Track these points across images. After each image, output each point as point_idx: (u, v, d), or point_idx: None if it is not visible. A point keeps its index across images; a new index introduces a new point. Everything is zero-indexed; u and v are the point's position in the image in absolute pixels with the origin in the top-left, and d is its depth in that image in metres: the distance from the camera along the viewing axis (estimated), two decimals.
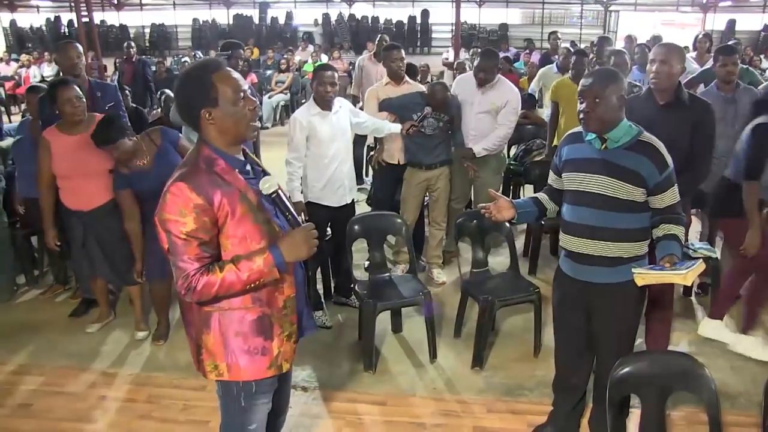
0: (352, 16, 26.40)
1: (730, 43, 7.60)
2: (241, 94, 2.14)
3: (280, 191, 2.20)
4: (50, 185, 4.20)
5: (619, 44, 14.46)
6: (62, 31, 25.71)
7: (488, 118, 5.02)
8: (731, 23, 21.97)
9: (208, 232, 2.09)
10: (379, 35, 8.04)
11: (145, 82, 10.40)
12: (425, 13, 26.12)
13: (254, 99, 2.23)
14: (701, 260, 2.59)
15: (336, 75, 4.36)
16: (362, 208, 5.58)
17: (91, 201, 4.17)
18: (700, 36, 7.80)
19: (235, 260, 2.11)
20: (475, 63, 5.11)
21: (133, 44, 11.07)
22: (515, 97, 5.05)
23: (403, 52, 5.28)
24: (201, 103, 2.12)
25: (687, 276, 2.51)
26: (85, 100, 4.18)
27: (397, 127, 4.82)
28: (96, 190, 4.16)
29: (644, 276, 2.58)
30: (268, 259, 2.11)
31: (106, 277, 4.44)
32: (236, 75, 2.17)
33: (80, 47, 4.88)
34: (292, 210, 2.22)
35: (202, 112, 2.12)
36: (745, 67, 6.17)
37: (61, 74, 5.04)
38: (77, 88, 4.14)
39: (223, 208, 2.10)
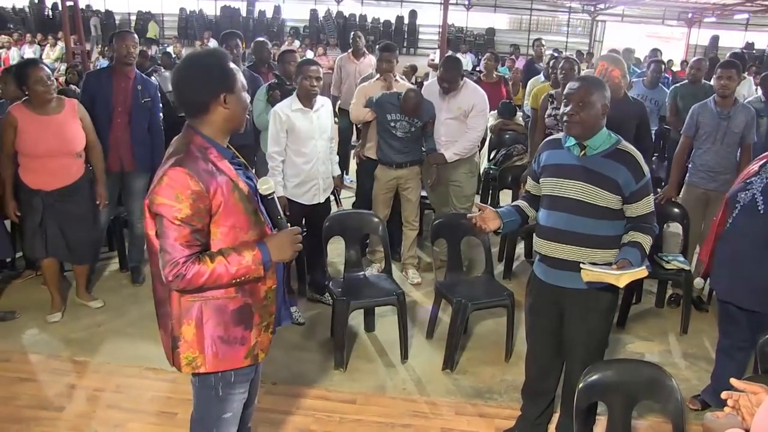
0: (339, 14, 26.36)
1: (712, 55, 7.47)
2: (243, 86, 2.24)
3: (275, 195, 2.27)
4: (10, 158, 4.17)
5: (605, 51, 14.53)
6: (46, 13, 25.41)
7: (456, 124, 5.02)
8: (714, 39, 22.29)
9: (202, 219, 2.10)
10: (353, 32, 7.94)
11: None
12: (413, 14, 26.18)
13: None
14: (643, 268, 2.64)
15: (320, 70, 4.35)
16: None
17: (54, 181, 4.17)
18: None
19: (225, 252, 2.12)
20: (439, 72, 5.03)
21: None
22: (481, 100, 5.04)
23: (394, 54, 5.34)
24: (220, 87, 2.16)
25: (620, 278, 2.58)
26: (53, 82, 4.17)
27: (334, 171, 4.71)
28: (59, 170, 4.16)
29: (588, 272, 2.64)
30: (257, 255, 2.14)
31: (59, 256, 4.41)
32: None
33: (137, 38, 4.92)
34: (281, 213, 2.28)
35: (221, 97, 2.15)
36: (710, 83, 5.94)
37: (112, 60, 5.04)
38: (46, 68, 4.15)
39: (217, 197, 2.11)
